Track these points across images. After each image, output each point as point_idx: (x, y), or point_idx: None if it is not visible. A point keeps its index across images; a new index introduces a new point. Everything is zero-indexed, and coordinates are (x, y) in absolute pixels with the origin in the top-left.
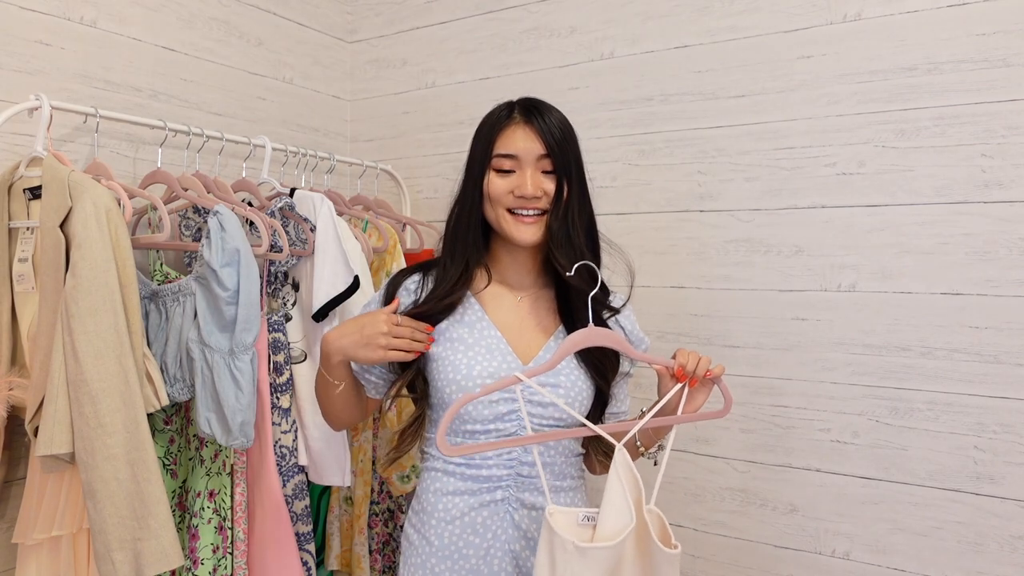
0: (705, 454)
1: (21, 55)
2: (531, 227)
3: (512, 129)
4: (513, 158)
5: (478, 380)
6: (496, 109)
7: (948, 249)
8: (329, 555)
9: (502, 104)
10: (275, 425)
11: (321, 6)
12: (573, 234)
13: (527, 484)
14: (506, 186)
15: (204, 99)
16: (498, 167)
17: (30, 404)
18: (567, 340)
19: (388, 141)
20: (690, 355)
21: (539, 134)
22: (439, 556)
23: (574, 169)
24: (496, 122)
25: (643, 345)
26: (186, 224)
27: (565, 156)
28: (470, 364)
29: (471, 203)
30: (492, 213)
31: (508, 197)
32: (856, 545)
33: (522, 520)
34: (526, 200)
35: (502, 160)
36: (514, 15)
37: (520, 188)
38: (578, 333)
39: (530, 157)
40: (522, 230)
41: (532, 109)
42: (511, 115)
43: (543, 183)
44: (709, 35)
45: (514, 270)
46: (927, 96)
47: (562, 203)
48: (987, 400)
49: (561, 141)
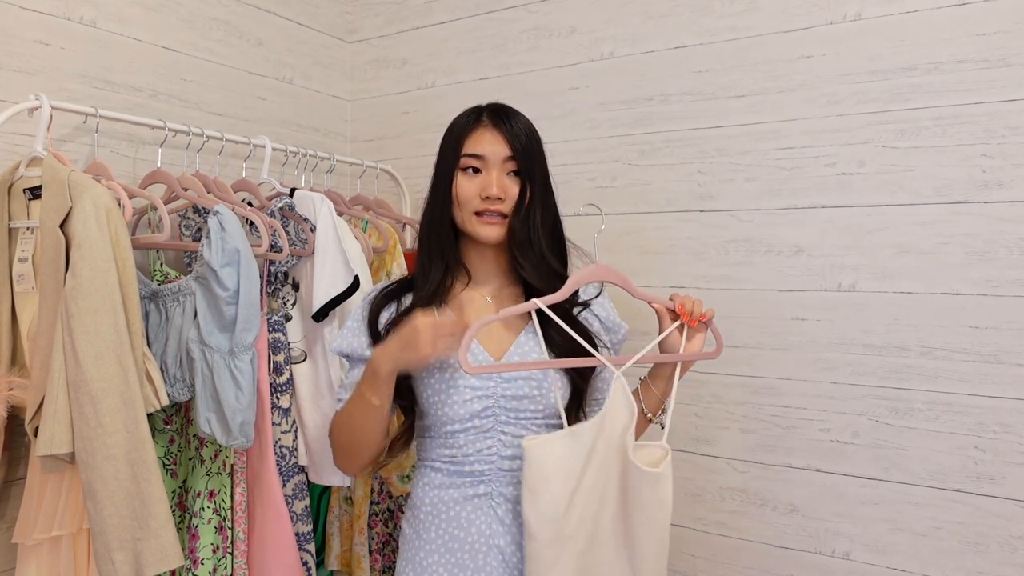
0: (705, 454)
1: (21, 55)
2: (494, 227)
3: (480, 132)
4: (480, 158)
5: (451, 382)
6: (464, 113)
7: (948, 249)
8: (329, 555)
9: (470, 108)
10: (275, 425)
11: (321, 6)
12: (534, 236)
13: (509, 478)
14: (473, 188)
15: (204, 99)
16: (465, 166)
17: (30, 404)
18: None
19: (388, 141)
20: (686, 297)
21: (505, 137)
22: (427, 549)
23: (538, 173)
24: (465, 125)
25: (621, 331)
26: (186, 224)
27: (530, 159)
28: (443, 367)
29: (441, 205)
30: (459, 215)
31: (475, 200)
32: (856, 545)
33: (506, 515)
34: (490, 201)
35: (470, 160)
36: (514, 15)
37: (486, 189)
38: (588, 268)
39: (496, 159)
40: (487, 229)
41: (500, 113)
42: (479, 119)
43: (507, 185)
44: (709, 35)
45: (483, 269)
46: (927, 96)
47: (524, 206)
48: (987, 400)
49: (526, 145)
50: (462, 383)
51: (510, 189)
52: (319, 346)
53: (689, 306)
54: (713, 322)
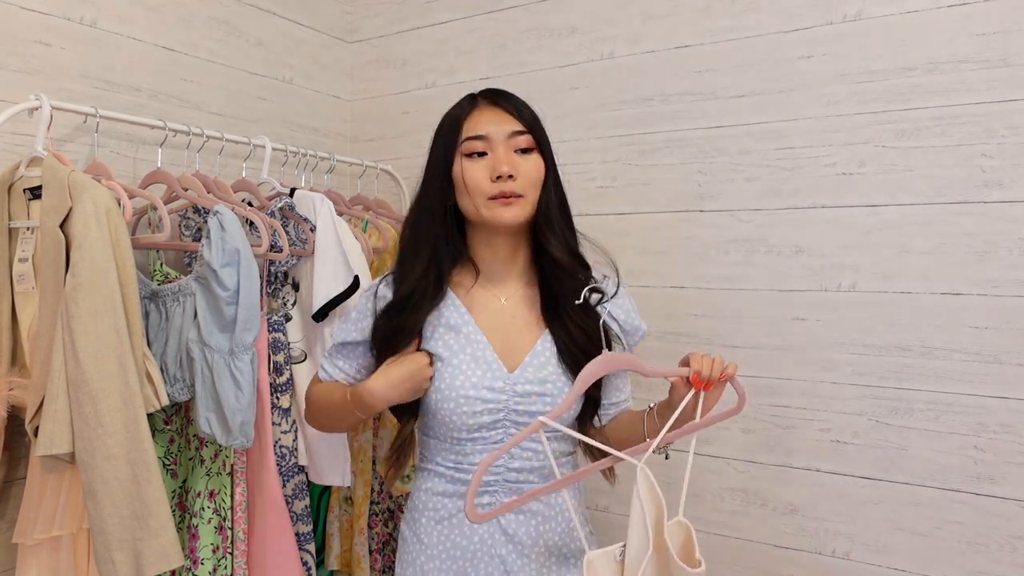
0: (705, 454)
1: (21, 55)
2: (512, 207)
3: (478, 112)
4: (484, 139)
5: (462, 392)
6: (456, 104)
7: (948, 249)
8: (329, 555)
9: (461, 99)
10: (275, 425)
11: (321, 6)
12: (553, 213)
13: (515, 489)
14: (482, 171)
15: (204, 99)
16: (469, 151)
17: (30, 404)
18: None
19: (388, 141)
20: (703, 358)
21: (509, 112)
22: (428, 555)
23: (548, 146)
24: (460, 112)
25: (639, 333)
26: (186, 224)
27: (538, 130)
28: (453, 374)
29: (438, 194)
30: (469, 203)
31: (486, 183)
32: (856, 545)
33: (508, 524)
34: (502, 181)
35: (473, 143)
36: (514, 15)
37: (496, 168)
38: (598, 362)
39: (501, 136)
40: (505, 211)
41: (496, 93)
42: (474, 101)
43: (517, 162)
44: (709, 35)
45: (495, 266)
46: (927, 96)
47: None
48: (987, 400)
49: (531, 117)
50: (473, 393)
51: (521, 165)
52: (319, 346)
53: (707, 372)
54: (736, 377)
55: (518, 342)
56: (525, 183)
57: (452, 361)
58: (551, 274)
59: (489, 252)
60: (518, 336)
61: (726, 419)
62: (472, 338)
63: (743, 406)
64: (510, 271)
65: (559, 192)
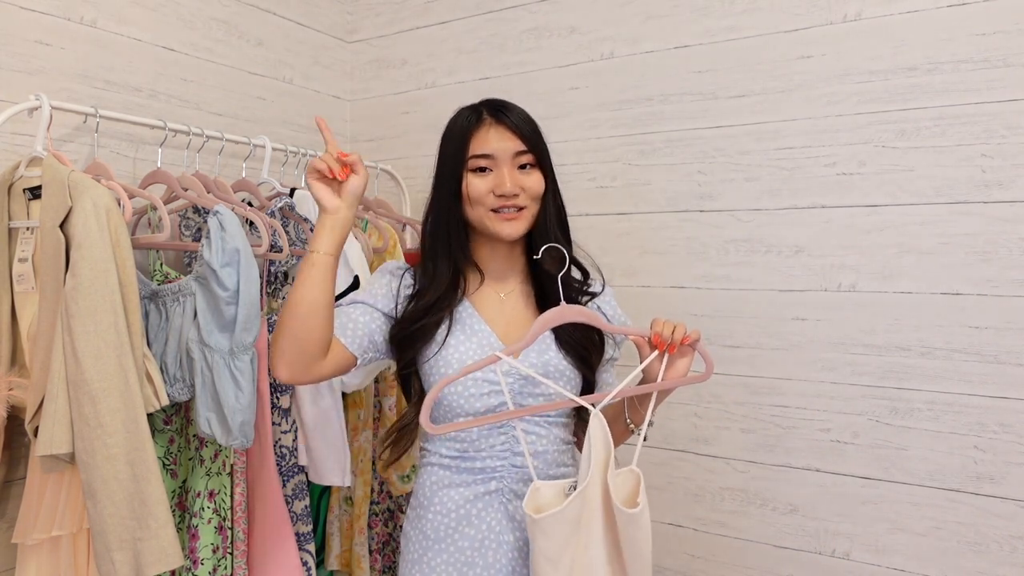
0: (705, 454)
1: (21, 55)
2: (514, 222)
3: (484, 130)
4: (489, 157)
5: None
6: (462, 113)
7: (948, 249)
8: (329, 555)
9: (465, 108)
10: (275, 425)
11: (321, 6)
12: (550, 224)
13: (521, 474)
14: (485, 186)
15: (204, 99)
16: (474, 167)
17: (30, 404)
18: (541, 317)
19: (388, 141)
20: (665, 323)
21: (513, 131)
22: (435, 549)
23: (548, 160)
24: (467, 125)
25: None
26: (186, 224)
27: (540, 149)
28: (461, 359)
29: (449, 206)
30: (474, 213)
31: (489, 197)
32: (856, 545)
33: (516, 511)
34: (506, 198)
35: (478, 160)
36: (514, 15)
37: (500, 187)
38: (551, 311)
39: (506, 156)
40: (506, 226)
41: (500, 109)
42: (480, 117)
43: (520, 179)
44: (709, 35)
45: (496, 266)
46: (927, 96)
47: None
48: (987, 400)
49: (533, 135)
50: (479, 375)
51: (523, 182)
52: None
53: (667, 333)
54: (701, 344)
55: (520, 331)
56: (526, 197)
57: (459, 348)
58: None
59: (490, 255)
60: (517, 326)
61: (692, 384)
62: (476, 328)
63: (710, 373)
64: (509, 270)
65: (557, 203)
